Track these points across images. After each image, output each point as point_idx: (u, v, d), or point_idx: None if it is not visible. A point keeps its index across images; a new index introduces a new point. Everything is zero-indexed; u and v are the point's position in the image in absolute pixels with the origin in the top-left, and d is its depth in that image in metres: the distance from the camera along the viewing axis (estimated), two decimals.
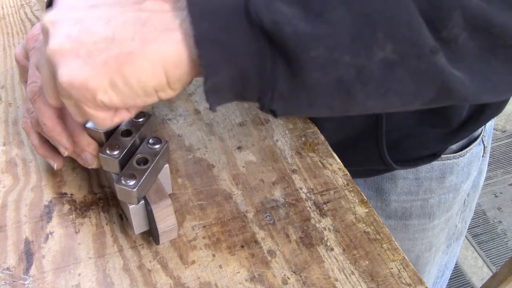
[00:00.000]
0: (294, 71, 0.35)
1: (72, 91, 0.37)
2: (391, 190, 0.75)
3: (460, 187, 0.77)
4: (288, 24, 0.33)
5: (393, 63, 0.35)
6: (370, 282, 0.48)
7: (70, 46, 0.37)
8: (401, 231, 0.80)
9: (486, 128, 0.77)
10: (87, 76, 0.36)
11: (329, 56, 0.34)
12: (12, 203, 0.54)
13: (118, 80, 0.36)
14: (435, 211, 0.78)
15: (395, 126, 0.66)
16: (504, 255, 1.74)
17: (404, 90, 0.37)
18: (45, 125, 0.49)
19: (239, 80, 0.36)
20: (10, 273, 0.48)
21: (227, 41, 0.34)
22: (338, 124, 0.65)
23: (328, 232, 0.52)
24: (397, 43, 0.34)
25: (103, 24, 0.36)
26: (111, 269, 0.49)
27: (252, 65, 0.35)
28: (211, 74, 0.35)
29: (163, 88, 0.38)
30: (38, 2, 0.79)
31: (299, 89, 0.36)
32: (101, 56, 0.36)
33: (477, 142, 0.75)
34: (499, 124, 2.15)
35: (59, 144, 0.50)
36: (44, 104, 0.48)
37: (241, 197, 0.55)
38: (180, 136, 0.61)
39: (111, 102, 0.38)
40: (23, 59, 0.52)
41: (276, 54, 0.34)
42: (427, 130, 0.68)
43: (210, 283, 0.48)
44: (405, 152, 0.70)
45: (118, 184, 0.46)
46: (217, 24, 0.34)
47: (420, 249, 0.83)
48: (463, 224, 0.87)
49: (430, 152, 0.71)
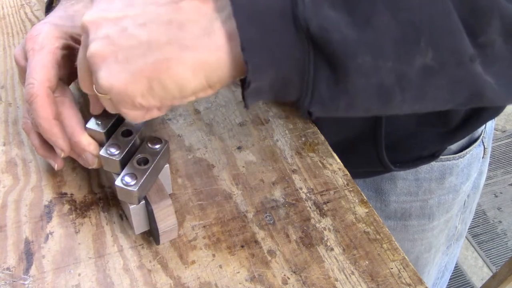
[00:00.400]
0: (338, 77, 0.35)
1: (111, 93, 0.38)
2: (391, 190, 0.75)
3: (460, 188, 0.77)
4: (336, 30, 0.33)
5: (432, 70, 0.35)
6: (370, 282, 0.48)
7: (109, 50, 0.37)
8: (401, 232, 0.80)
9: (487, 129, 0.76)
10: (126, 82, 0.37)
11: (374, 62, 0.34)
12: (12, 203, 0.54)
13: (156, 85, 0.37)
14: (435, 211, 0.78)
15: (394, 128, 0.66)
16: (504, 255, 1.74)
17: (440, 95, 0.37)
18: (41, 126, 0.49)
19: (281, 83, 0.36)
20: (10, 273, 0.48)
21: (273, 45, 0.34)
22: (337, 126, 0.65)
23: (328, 232, 0.52)
24: (438, 51, 0.35)
25: (139, 26, 0.37)
26: (111, 269, 0.49)
27: (295, 69, 0.35)
28: (256, 78, 0.35)
29: (202, 90, 0.38)
30: (38, 2, 0.79)
31: (341, 94, 0.36)
32: (138, 62, 0.36)
33: (477, 144, 0.74)
34: (499, 124, 2.15)
35: (55, 145, 0.50)
36: (41, 105, 0.48)
37: (241, 197, 0.55)
38: (180, 136, 0.61)
39: (148, 104, 0.38)
40: (22, 60, 0.52)
41: (320, 59, 0.34)
42: (426, 131, 0.68)
43: (210, 283, 0.48)
44: (404, 152, 0.70)
45: (119, 184, 0.46)
46: (264, 28, 0.34)
47: (419, 250, 0.83)
48: (463, 226, 0.87)
49: (429, 153, 0.70)
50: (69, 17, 0.54)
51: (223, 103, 0.65)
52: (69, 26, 0.52)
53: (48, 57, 0.50)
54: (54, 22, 0.52)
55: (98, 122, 0.50)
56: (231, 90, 0.66)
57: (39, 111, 0.48)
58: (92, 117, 0.50)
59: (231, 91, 0.66)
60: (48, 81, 0.49)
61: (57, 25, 0.52)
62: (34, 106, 0.48)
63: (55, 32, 0.51)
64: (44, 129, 0.49)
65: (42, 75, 0.49)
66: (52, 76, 0.49)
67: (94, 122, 0.50)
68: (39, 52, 0.49)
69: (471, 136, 0.74)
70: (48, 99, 0.49)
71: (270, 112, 0.64)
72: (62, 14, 0.54)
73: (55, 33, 0.51)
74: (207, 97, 0.65)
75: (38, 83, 0.48)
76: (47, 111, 0.48)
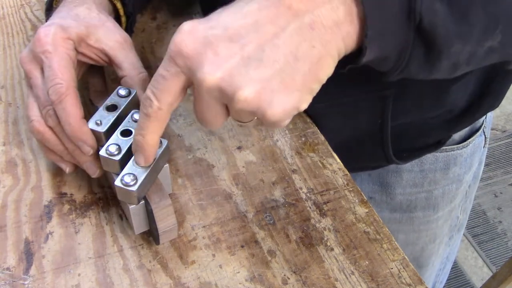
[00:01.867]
0: (430, 59, 0.40)
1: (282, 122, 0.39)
2: (396, 183, 0.76)
3: (463, 178, 0.78)
4: (442, 25, 0.38)
5: (495, 49, 0.41)
6: (370, 282, 0.48)
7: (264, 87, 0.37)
8: (406, 224, 0.81)
9: (487, 119, 0.78)
10: (297, 103, 0.38)
11: (461, 48, 0.40)
12: (12, 203, 0.54)
13: (317, 86, 0.39)
14: (439, 202, 0.79)
15: (399, 120, 0.66)
16: (504, 255, 1.74)
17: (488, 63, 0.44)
18: (70, 125, 0.49)
19: (379, 60, 0.40)
20: (10, 273, 0.48)
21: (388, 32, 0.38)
22: (344, 124, 0.66)
23: (328, 232, 0.52)
24: (505, 36, 0.40)
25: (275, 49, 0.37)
26: (111, 269, 0.49)
27: (396, 49, 0.39)
28: (366, 57, 0.39)
29: None
30: (38, 2, 0.79)
31: (425, 71, 0.42)
32: (296, 79, 0.37)
33: (479, 133, 0.76)
34: (499, 124, 2.15)
35: (84, 143, 0.50)
36: (71, 104, 0.48)
37: (241, 197, 0.55)
38: (180, 136, 0.61)
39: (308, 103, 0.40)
40: (28, 63, 0.52)
41: (419, 45, 0.39)
42: (430, 119, 0.68)
43: (210, 283, 0.48)
44: (409, 142, 0.71)
45: (118, 184, 0.46)
46: (386, 17, 0.37)
47: (424, 241, 0.84)
48: (464, 216, 0.89)
49: (434, 141, 0.72)
50: (73, 18, 0.54)
51: None
52: (74, 27, 0.52)
53: (66, 58, 0.50)
54: (60, 23, 0.52)
55: (98, 121, 0.50)
56: None
57: (69, 110, 0.49)
58: (92, 116, 0.50)
59: None
60: (73, 81, 0.50)
61: (63, 26, 0.52)
62: (63, 105, 0.48)
63: (63, 33, 0.51)
64: (74, 128, 0.49)
65: (67, 75, 0.49)
66: (74, 76, 0.50)
67: (94, 122, 0.50)
68: (55, 53, 0.50)
69: (473, 126, 0.75)
70: (77, 98, 0.49)
71: None
72: (66, 16, 0.54)
73: (62, 35, 0.51)
74: None
75: (66, 83, 0.49)
76: (77, 110, 0.49)
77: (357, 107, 0.64)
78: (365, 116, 0.65)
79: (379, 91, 0.62)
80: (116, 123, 0.50)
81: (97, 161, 0.51)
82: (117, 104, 0.51)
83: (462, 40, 0.39)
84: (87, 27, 0.53)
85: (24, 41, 0.72)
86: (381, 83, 0.60)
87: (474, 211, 1.84)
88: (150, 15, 0.78)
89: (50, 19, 0.55)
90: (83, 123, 0.49)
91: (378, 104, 0.63)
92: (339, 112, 0.64)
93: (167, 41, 0.73)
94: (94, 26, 0.53)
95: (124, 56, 0.53)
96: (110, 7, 0.59)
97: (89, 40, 0.53)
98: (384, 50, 0.39)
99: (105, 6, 0.58)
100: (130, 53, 0.54)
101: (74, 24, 0.52)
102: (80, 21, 0.53)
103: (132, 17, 0.62)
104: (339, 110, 0.63)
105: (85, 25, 0.53)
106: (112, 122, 0.50)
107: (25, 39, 0.72)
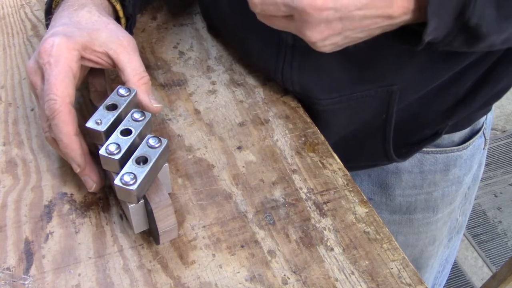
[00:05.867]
0: (468, 44, 0.48)
1: None
2: (396, 184, 0.76)
3: (462, 179, 0.78)
4: (485, 26, 0.45)
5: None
6: (370, 282, 0.48)
7: None
8: (406, 226, 0.81)
9: (487, 120, 0.78)
10: None
11: (498, 38, 0.48)
12: (12, 203, 0.54)
13: None
14: (439, 204, 0.79)
15: (400, 113, 0.66)
16: (504, 255, 1.74)
17: None
18: (62, 141, 0.49)
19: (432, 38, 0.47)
20: (10, 273, 0.48)
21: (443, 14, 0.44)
22: (350, 118, 0.66)
23: (328, 232, 0.52)
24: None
25: None
26: (111, 269, 0.49)
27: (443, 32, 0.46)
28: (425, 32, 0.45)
29: None
30: (38, 2, 0.79)
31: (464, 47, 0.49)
32: None
33: (479, 135, 0.76)
34: (499, 124, 2.15)
35: (73, 160, 0.50)
36: (63, 121, 0.49)
37: (241, 197, 0.55)
38: (180, 136, 0.61)
39: None
40: (33, 74, 0.52)
41: (462, 33, 0.46)
42: (428, 109, 0.68)
43: (210, 283, 0.48)
44: (408, 133, 0.70)
45: (118, 183, 0.46)
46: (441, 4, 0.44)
47: (424, 243, 0.84)
48: (463, 218, 0.89)
49: (431, 132, 0.71)
50: (75, 24, 0.53)
51: (223, 103, 0.65)
52: (78, 35, 0.52)
53: (66, 71, 0.50)
54: (64, 32, 0.52)
55: (98, 121, 0.50)
56: (231, 90, 0.66)
57: (61, 127, 0.49)
58: (92, 116, 0.50)
59: (231, 91, 0.66)
60: (68, 97, 0.49)
61: (67, 35, 0.51)
62: (56, 121, 0.49)
63: (68, 43, 0.51)
64: (65, 144, 0.49)
65: (62, 90, 0.49)
66: (72, 90, 0.50)
67: (94, 121, 0.50)
68: (55, 65, 0.50)
69: (473, 127, 0.75)
70: (70, 115, 0.49)
71: (270, 112, 0.64)
72: (68, 22, 0.54)
73: (68, 45, 0.51)
74: (207, 97, 0.65)
75: (60, 99, 0.49)
76: (68, 127, 0.49)
77: (365, 102, 0.64)
78: (371, 110, 0.65)
79: (388, 86, 0.62)
80: (116, 122, 0.50)
81: (94, 175, 0.52)
82: (117, 104, 0.51)
83: (500, 34, 0.47)
84: (90, 33, 0.53)
85: (24, 41, 0.72)
86: (389, 79, 0.61)
87: (474, 211, 1.84)
88: (150, 15, 0.78)
89: (52, 26, 0.54)
90: (74, 141, 0.49)
91: (385, 99, 0.63)
92: (347, 107, 0.64)
93: (167, 41, 0.73)
94: (97, 31, 0.53)
95: (126, 60, 0.53)
96: (110, 8, 0.59)
97: (93, 46, 0.52)
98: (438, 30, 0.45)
99: (105, 8, 0.57)
100: (133, 56, 0.54)
101: (78, 32, 0.52)
102: (82, 28, 0.53)
103: (132, 19, 0.62)
104: (347, 105, 0.64)
105: (88, 31, 0.53)
106: (112, 121, 0.50)
107: (25, 39, 0.72)
